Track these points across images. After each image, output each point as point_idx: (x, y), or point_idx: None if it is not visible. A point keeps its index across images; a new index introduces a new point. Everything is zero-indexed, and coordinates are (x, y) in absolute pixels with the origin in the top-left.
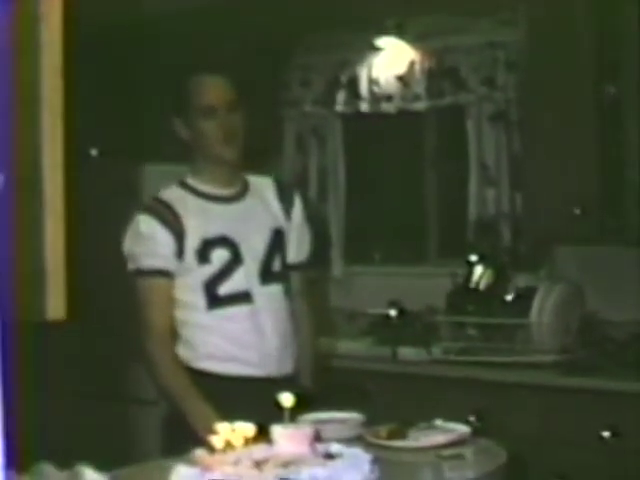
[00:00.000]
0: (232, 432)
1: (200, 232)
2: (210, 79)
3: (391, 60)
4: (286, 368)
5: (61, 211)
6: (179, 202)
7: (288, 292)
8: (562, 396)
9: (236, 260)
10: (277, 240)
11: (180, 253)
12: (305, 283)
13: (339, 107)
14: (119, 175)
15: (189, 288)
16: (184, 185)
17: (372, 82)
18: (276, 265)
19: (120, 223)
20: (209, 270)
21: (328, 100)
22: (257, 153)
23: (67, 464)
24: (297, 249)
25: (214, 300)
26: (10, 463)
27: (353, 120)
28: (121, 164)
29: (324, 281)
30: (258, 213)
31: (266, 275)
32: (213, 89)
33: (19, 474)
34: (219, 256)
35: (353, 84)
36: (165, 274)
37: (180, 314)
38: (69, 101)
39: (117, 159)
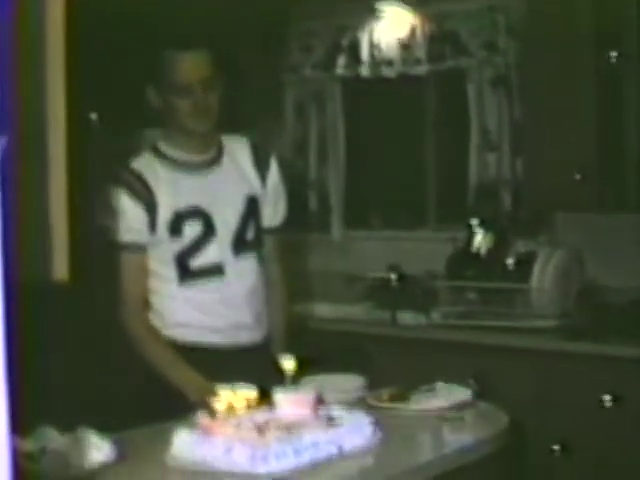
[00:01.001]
0: (234, 396)
1: (172, 204)
2: (187, 55)
3: (392, 25)
4: (256, 336)
5: (64, 173)
6: (150, 171)
7: (261, 260)
8: (562, 361)
9: (209, 232)
10: (251, 208)
11: (152, 226)
12: (280, 247)
13: (340, 71)
14: (118, 139)
15: (161, 260)
16: (156, 151)
17: (373, 46)
18: (250, 234)
19: None
20: (181, 243)
21: (328, 65)
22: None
23: (69, 428)
24: (272, 213)
25: (185, 273)
26: (12, 427)
27: (353, 85)
28: (120, 129)
29: (322, 245)
30: (232, 181)
31: (239, 245)
32: (189, 66)
33: (21, 438)
34: (191, 229)
35: (354, 49)
36: (137, 248)
37: (152, 284)
38: (71, 63)
39: (116, 123)
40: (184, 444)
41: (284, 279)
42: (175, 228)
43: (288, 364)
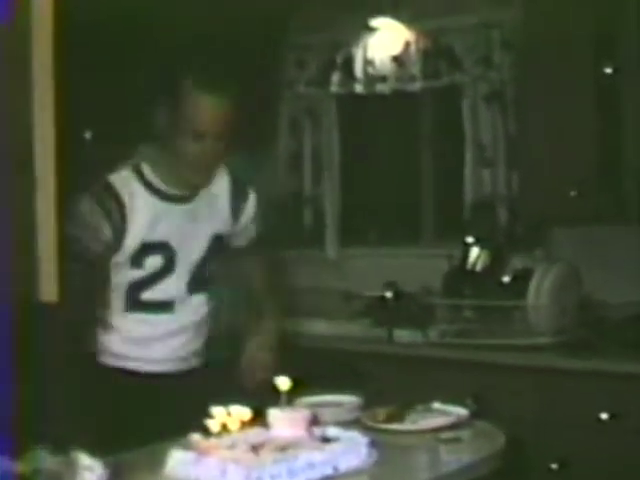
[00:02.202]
0: (228, 416)
1: (141, 233)
2: (211, 101)
3: (386, 40)
4: (190, 363)
5: (52, 192)
6: (127, 190)
7: (213, 297)
8: (560, 378)
9: (168, 268)
10: (215, 246)
11: (116, 249)
12: (260, 262)
13: (334, 88)
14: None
15: (113, 285)
16: (138, 172)
17: (367, 63)
18: (207, 271)
19: None
20: (138, 274)
21: (323, 81)
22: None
23: (62, 450)
24: (243, 234)
25: (134, 304)
26: (5, 449)
27: (348, 101)
28: (115, 147)
29: (317, 262)
30: (204, 217)
31: (194, 283)
32: (211, 114)
33: (15, 460)
34: (153, 262)
35: (348, 65)
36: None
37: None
38: (61, 83)
39: (111, 142)
40: (178, 465)
41: (271, 291)
42: (137, 259)
43: (283, 384)
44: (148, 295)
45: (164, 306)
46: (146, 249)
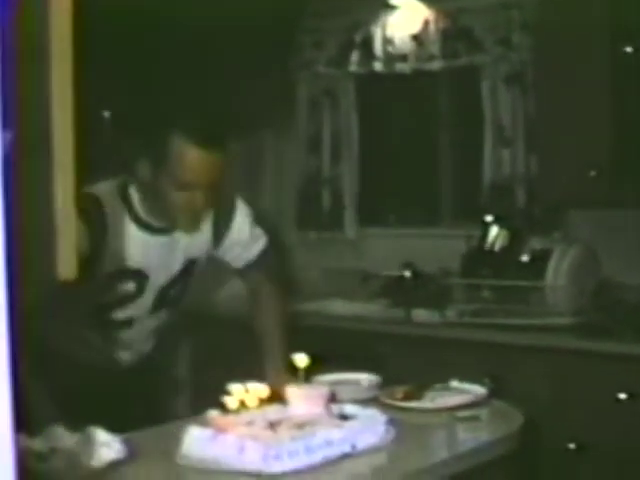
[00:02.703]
0: (246, 393)
1: (118, 260)
2: (199, 154)
3: (405, 19)
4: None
5: (71, 169)
6: (111, 210)
7: (174, 311)
8: (577, 359)
9: (138, 293)
10: (185, 270)
11: (90, 267)
12: (265, 274)
13: (353, 68)
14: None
15: (78, 302)
16: (123, 194)
17: (386, 42)
18: (172, 293)
19: None
20: (107, 298)
21: (341, 61)
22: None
23: (80, 427)
24: (243, 253)
25: (96, 321)
26: (22, 426)
27: (367, 81)
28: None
29: (336, 243)
30: (182, 246)
31: (158, 304)
32: (199, 166)
33: (31, 437)
34: (124, 288)
35: (367, 44)
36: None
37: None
38: (79, 59)
39: (129, 122)
40: (195, 442)
41: (276, 296)
42: (109, 284)
43: (301, 362)
44: (112, 315)
45: (124, 324)
46: (121, 275)
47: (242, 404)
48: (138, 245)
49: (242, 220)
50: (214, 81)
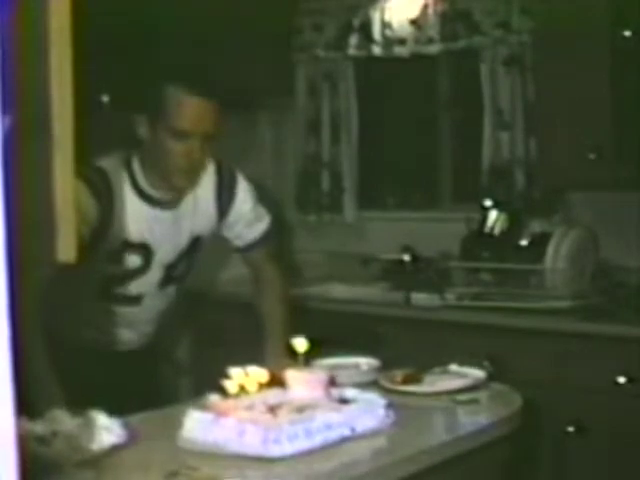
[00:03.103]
0: (246, 377)
1: (124, 232)
2: (194, 101)
3: (404, 3)
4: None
5: (70, 152)
6: (118, 182)
7: (180, 291)
8: (576, 342)
9: (144, 267)
10: (192, 247)
11: (98, 239)
12: (268, 253)
13: (351, 51)
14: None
15: (84, 277)
16: (127, 167)
17: (385, 25)
18: (179, 270)
19: None
20: (113, 271)
21: (340, 44)
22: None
23: (80, 410)
24: (247, 231)
25: (105, 297)
26: (23, 410)
27: (366, 64)
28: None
29: (335, 226)
30: (187, 221)
31: (166, 280)
32: (194, 114)
33: (32, 421)
34: (131, 261)
35: (366, 27)
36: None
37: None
38: (79, 43)
39: (128, 105)
40: (195, 426)
41: (279, 277)
42: (115, 257)
43: (300, 345)
44: (120, 290)
45: (133, 300)
46: (126, 248)
47: (242, 388)
48: (143, 219)
49: (244, 195)
50: (213, 57)
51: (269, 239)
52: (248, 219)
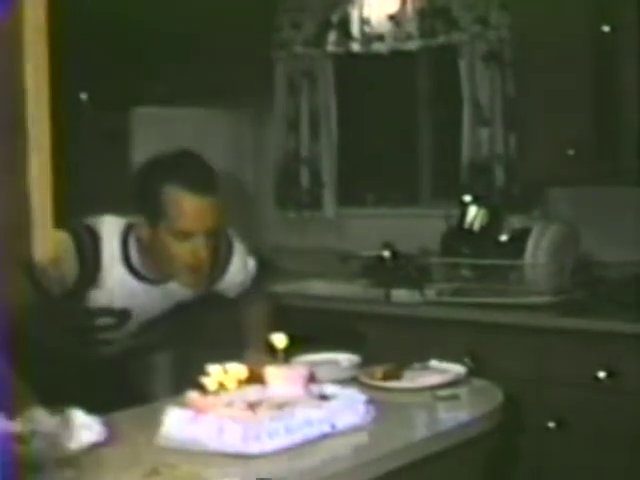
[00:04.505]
0: (225, 374)
1: (105, 299)
2: (194, 200)
3: None
4: None
5: (47, 152)
6: (110, 252)
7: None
8: (557, 337)
9: (118, 326)
10: (174, 309)
11: (73, 294)
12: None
13: (330, 48)
14: (108, 118)
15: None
16: (124, 244)
17: (363, 22)
18: (156, 324)
19: (109, 165)
20: (85, 323)
21: (319, 41)
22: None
23: (59, 409)
24: (237, 286)
25: (76, 334)
26: (1, 408)
27: (345, 61)
28: (110, 108)
29: (315, 222)
30: (173, 293)
31: (141, 332)
32: (195, 213)
33: (11, 419)
34: (105, 321)
35: (344, 24)
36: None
37: None
38: (55, 42)
39: (106, 103)
40: (175, 423)
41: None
42: (90, 317)
43: (279, 341)
44: (93, 336)
45: (106, 342)
46: (102, 312)
47: (221, 385)
48: (127, 290)
49: (238, 262)
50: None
51: (257, 282)
52: (239, 280)
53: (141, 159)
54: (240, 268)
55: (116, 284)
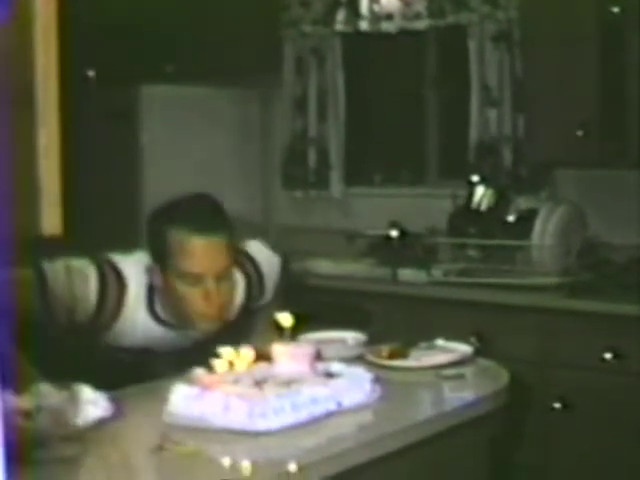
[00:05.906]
0: (236, 356)
1: (123, 339)
2: (202, 243)
3: None
4: None
5: (55, 125)
6: (135, 296)
7: None
8: (563, 318)
9: (137, 362)
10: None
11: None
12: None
13: (339, 26)
14: (116, 96)
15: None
16: (149, 295)
17: (372, 0)
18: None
19: (116, 143)
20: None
21: (328, 20)
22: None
23: (66, 384)
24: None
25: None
26: (8, 384)
27: (353, 40)
28: (118, 85)
29: (322, 202)
30: (193, 334)
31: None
32: (204, 256)
33: (18, 395)
34: (121, 357)
35: (353, 3)
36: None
37: None
38: (62, 16)
39: (114, 80)
40: (181, 400)
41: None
42: (108, 353)
43: (286, 320)
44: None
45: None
46: (120, 350)
47: (231, 364)
48: (149, 332)
49: (273, 287)
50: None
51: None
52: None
53: (147, 138)
54: (272, 276)
55: (138, 328)
